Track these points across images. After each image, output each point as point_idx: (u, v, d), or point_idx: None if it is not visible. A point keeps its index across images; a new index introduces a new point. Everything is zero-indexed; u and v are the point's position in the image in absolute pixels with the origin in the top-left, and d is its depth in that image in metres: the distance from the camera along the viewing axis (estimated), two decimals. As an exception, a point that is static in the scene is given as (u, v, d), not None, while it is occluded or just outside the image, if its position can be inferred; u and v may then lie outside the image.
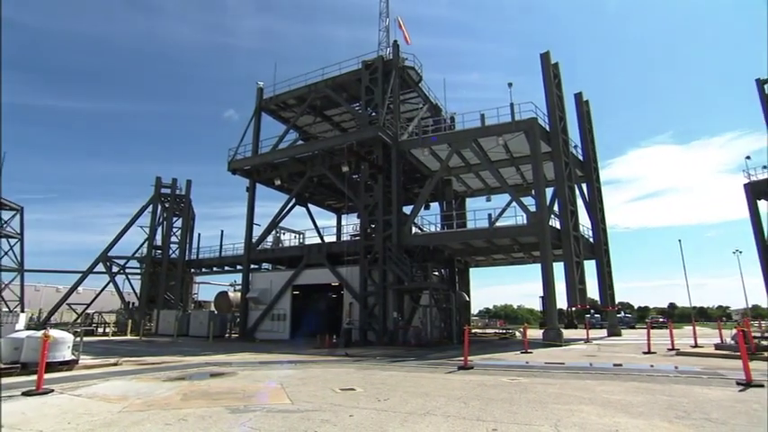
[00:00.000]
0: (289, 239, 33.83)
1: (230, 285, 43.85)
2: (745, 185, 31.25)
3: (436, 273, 29.55)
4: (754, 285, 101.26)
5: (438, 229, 29.02)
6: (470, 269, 36.36)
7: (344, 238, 32.22)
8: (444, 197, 32.09)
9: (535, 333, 25.78)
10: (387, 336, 22.72)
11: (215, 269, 39.68)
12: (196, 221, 41.81)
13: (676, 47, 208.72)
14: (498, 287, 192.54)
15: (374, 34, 31.39)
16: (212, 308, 38.32)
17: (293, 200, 31.51)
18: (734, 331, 13.83)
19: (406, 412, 6.39)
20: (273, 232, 31.88)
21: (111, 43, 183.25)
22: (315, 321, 30.01)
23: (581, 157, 29.96)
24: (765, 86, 30.07)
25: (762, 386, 8.20)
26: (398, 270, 23.54)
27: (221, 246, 38.08)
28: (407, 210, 27.58)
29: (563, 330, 24.00)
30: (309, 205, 36.31)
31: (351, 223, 39.95)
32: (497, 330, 35.20)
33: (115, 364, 12.78)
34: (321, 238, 34.34)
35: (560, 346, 19.81)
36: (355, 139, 26.14)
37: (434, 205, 33.54)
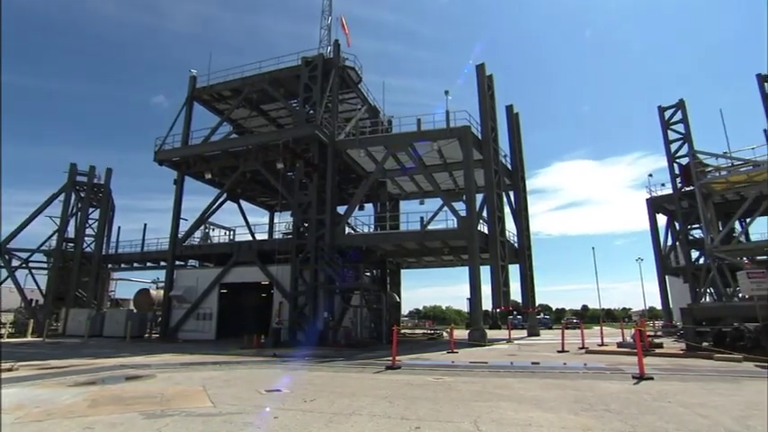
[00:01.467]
0: (218, 236, 32.48)
1: (152, 282, 41.12)
2: (647, 200, 34.52)
3: (368, 273, 29.77)
4: (652, 289, 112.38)
5: (371, 231, 29.28)
6: (402, 270, 37.02)
7: (277, 236, 31.50)
8: (379, 199, 32.42)
9: (462, 333, 26.78)
10: (316, 336, 22.51)
11: (136, 265, 37.02)
12: (116, 213, 38.85)
13: (599, 72, 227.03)
14: (429, 289, 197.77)
15: (316, 31, 31.18)
16: (131, 306, 35.68)
17: (224, 195, 30.32)
18: (633, 331, 15.29)
19: (332, 413, 6.40)
20: (202, 228, 30.45)
21: (25, 11, 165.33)
22: (243, 321, 29.06)
23: (509, 166, 31.58)
24: (666, 113, 33.45)
25: (652, 379, 9.20)
26: (330, 270, 23.43)
27: (144, 240, 35.71)
28: (341, 210, 27.55)
29: (488, 331, 25.16)
30: (241, 201, 35.08)
31: (284, 221, 39.18)
32: (426, 331, 36.09)
33: (9, 370, 11.52)
34: (252, 235, 33.33)
35: (484, 345, 20.71)
36: (292, 136, 25.68)
37: (369, 206, 33.83)
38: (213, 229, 31.82)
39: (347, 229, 26.44)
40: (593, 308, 77.39)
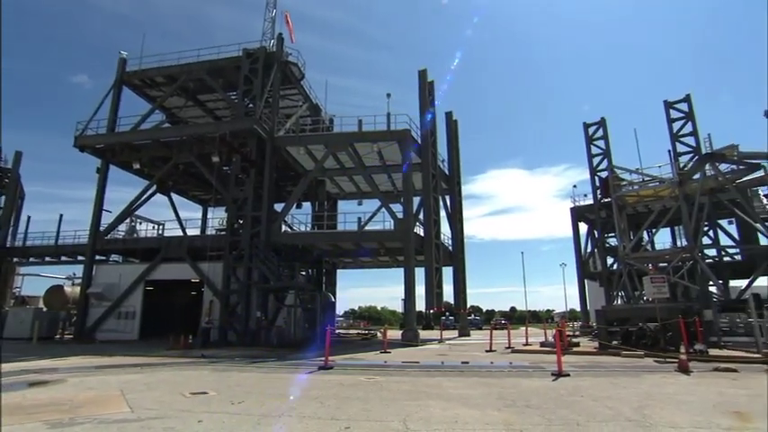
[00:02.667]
0: (146, 230, 30.51)
1: (68, 279, 37.69)
2: (571, 209, 37.03)
3: (303, 273, 29.43)
4: (573, 293, 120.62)
5: (308, 229, 28.95)
6: (338, 270, 36.94)
7: (210, 232, 30.20)
8: (317, 197, 32.15)
9: (396, 334, 27.17)
10: (248, 336, 21.89)
11: (48, 259, 33.75)
12: (26, 201, 35.31)
13: (534, 86, 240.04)
14: (364, 289, 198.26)
15: (259, 23, 30.23)
16: (41, 304, 32.51)
17: (154, 187, 28.61)
18: (554, 331, 16.36)
19: (260, 414, 6.27)
20: (128, 221, 28.49)
21: None
22: (170, 320, 27.58)
23: (447, 171, 32.55)
24: (590, 129, 36.18)
25: (569, 375, 9.90)
26: (265, 268, 22.90)
27: (58, 232, 32.59)
28: (279, 207, 27.02)
29: (421, 331, 25.75)
30: (173, 195, 33.22)
31: (217, 217, 37.62)
32: (360, 331, 36.26)
33: None
34: (183, 230, 31.69)
35: (417, 346, 21.18)
36: (229, 129, 24.77)
37: (306, 205, 33.37)
38: (140, 223, 29.88)
39: (283, 227, 25.99)
40: (521, 309, 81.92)
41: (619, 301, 29.47)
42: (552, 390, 8.29)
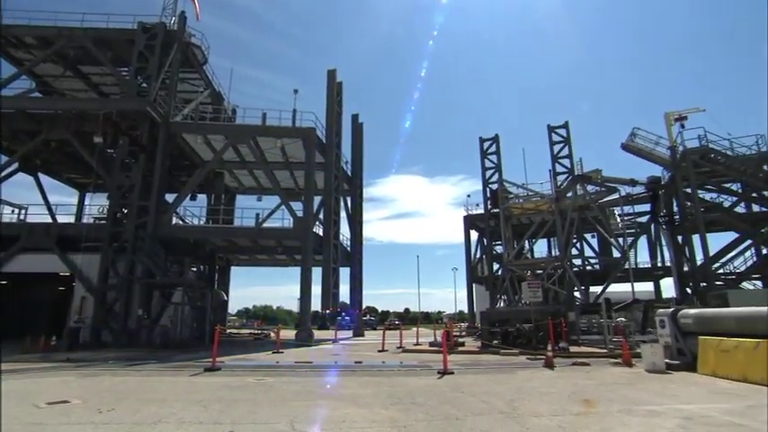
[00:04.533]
0: (2, 214, 26.20)
1: None
2: (464, 217, 39.61)
3: (195, 269, 27.72)
4: (463, 296, 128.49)
5: (202, 223, 27.29)
6: (233, 268, 35.36)
7: (87, 220, 26.89)
8: (214, 190, 30.43)
9: (290, 334, 26.70)
10: (126, 336, 19.96)
11: None
12: None
13: (438, 98, 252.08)
14: (261, 287, 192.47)
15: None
16: None
17: (16, 164, 24.80)
18: (442, 332, 17.35)
19: (133, 422, 5.78)
20: (-24, 202, 24.30)
21: None
22: (30, 319, 24.03)
23: (349, 173, 32.85)
24: (485, 144, 39.05)
25: (453, 373, 10.59)
26: (150, 262, 21.11)
27: None
28: (171, 198, 25.08)
29: (316, 331, 25.67)
30: (41, 175, 29.06)
31: (97, 204, 33.85)
32: (254, 331, 35.13)
33: None
34: (53, 216, 27.78)
35: (311, 346, 21.09)
36: (117, 108, 22.41)
37: (202, 197, 31.43)
38: (-5, 205, 25.67)
39: (175, 220, 24.22)
40: (414, 311, 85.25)
41: (501, 304, 32.17)
42: (437, 387, 8.80)
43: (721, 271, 24.71)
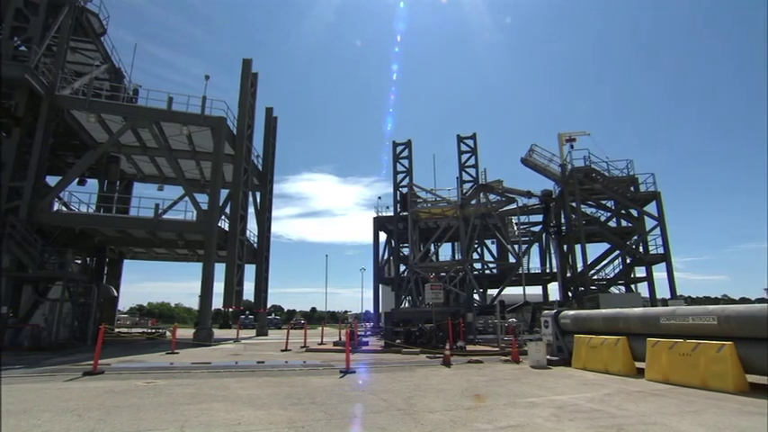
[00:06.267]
0: None
1: None
2: (374, 218, 40.38)
3: (79, 261, 24.91)
4: (369, 296, 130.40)
5: (92, 211, 24.63)
6: (126, 261, 32.39)
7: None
8: (107, 176, 27.53)
9: (188, 333, 25.16)
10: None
11: None
12: None
13: (359, 96, 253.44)
14: (158, 283, 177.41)
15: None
16: None
17: None
18: (346, 331, 17.51)
19: (-12, 436, 5.05)
20: None
21: None
22: None
23: (260, 167, 31.81)
24: (398, 148, 40.19)
25: (355, 372, 10.73)
26: (21, 252, 18.55)
27: None
28: (52, 181, 22.30)
29: (217, 330, 24.46)
30: None
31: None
32: (147, 330, 32.46)
33: None
34: None
35: (210, 345, 20.09)
36: (-16, 72, 19.41)
37: (93, 182, 28.34)
38: None
39: (57, 205, 21.59)
40: (321, 310, 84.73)
41: (406, 305, 33.23)
42: (338, 386, 8.86)
43: (596, 277, 28.00)
